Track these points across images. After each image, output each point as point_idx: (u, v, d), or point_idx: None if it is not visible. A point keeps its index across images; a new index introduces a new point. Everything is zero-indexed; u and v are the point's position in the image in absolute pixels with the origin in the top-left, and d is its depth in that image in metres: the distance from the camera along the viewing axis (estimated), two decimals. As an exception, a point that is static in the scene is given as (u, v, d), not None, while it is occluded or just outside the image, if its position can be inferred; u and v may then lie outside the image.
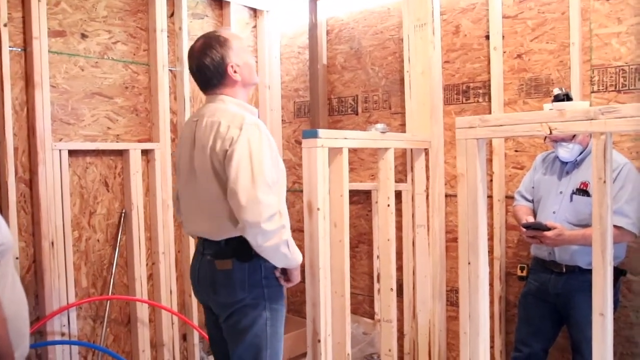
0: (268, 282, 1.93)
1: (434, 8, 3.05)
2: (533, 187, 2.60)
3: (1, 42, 2.58)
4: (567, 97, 2.27)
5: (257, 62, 3.85)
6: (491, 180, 2.90)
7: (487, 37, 2.95)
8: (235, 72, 1.94)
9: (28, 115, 2.73)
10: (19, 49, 2.70)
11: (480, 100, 2.99)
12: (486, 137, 1.81)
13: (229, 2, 3.61)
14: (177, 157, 2.08)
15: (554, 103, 2.26)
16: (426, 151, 3.10)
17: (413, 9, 3.10)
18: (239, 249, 1.87)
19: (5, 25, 2.59)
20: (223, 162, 1.80)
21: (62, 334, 2.80)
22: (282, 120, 3.95)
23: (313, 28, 3.62)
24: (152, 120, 3.23)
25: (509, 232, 2.93)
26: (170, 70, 3.28)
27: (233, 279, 1.88)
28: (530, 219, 2.46)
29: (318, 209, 2.29)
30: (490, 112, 2.92)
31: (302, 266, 2.03)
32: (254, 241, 1.77)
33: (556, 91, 2.30)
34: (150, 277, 3.22)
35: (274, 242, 1.78)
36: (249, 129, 1.80)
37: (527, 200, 2.62)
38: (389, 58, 3.38)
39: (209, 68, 1.91)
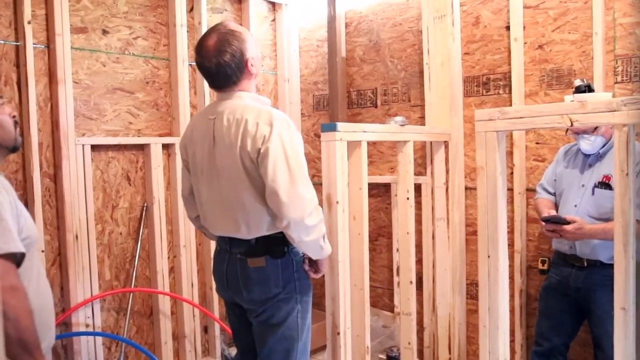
0: (299, 276, 1.95)
1: (454, -1, 3.02)
2: (555, 180, 2.57)
3: (25, 39, 2.63)
4: (588, 89, 2.24)
5: (276, 55, 3.86)
6: (512, 173, 2.87)
7: (508, 28, 2.91)
8: (252, 65, 1.90)
9: (52, 111, 2.78)
10: (43, 46, 2.75)
11: (501, 92, 2.96)
12: (506, 130, 1.80)
13: (247, -4, 3.62)
14: (189, 156, 2.03)
15: (575, 94, 2.23)
16: (446, 144, 3.09)
17: (432, 1, 3.07)
18: (272, 246, 1.89)
19: (29, 22, 2.64)
20: (256, 161, 1.78)
21: (87, 326, 2.86)
22: (302, 113, 3.95)
23: (332, 21, 3.62)
24: (172, 115, 3.27)
25: (530, 225, 2.90)
26: (190, 65, 3.31)
27: (267, 276, 1.89)
28: (552, 212, 2.43)
29: (337, 202, 2.30)
30: (510, 104, 2.89)
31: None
32: (297, 237, 1.78)
33: (577, 82, 2.26)
34: (171, 270, 3.26)
35: (315, 236, 1.80)
36: (279, 124, 1.78)
37: (548, 193, 2.59)
38: (408, 50, 3.36)
39: (230, 65, 1.84)
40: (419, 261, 3.18)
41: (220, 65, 1.84)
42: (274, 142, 1.75)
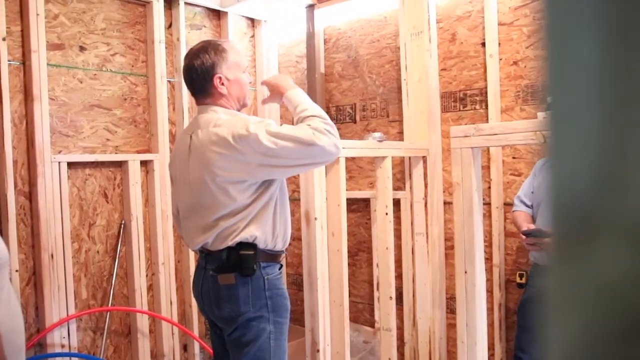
0: (271, 294, 1.90)
1: (430, 16, 3.06)
2: (532, 192, 2.60)
3: (0, 56, 2.60)
4: (562, 105, 2.27)
5: (255, 71, 3.86)
6: (489, 187, 2.90)
7: (484, 45, 2.96)
8: (222, 84, 1.89)
9: (27, 128, 2.74)
10: (18, 63, 2.72)
11: (478, 107, 3.00)
12: (481, 146, 1.82)
13: (226, 13, 3.63)
14: (173, 172, 2.06)
15: (548, 111, 2.26)
16: (424, 159, 3.11)
17: (409, 18, 3.11)
18: (241, 263, 1.86)
19: (4, 39, 2.61)
20: (233, 168, 1.77)
21: (62, 346, 2.81)
22: (281, 129, 3.95)
23: (310, 37, 3.64)
24: (150, 131, 3.25)
25: (507, 239, 2.93)
26: (169, 81, 3.30)
27: (236, 294, 1.86)
28: (532, 226, 2.45)
29: (315, 219, 2.29)
30: (487, 119, 2.92)
31: (300, 274, 2.02)
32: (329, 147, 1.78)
33: (550, 99, 2.30)
34: (150, 287, 3.22)
35: (327, 138, 1.79)
36: (257, 126, 1.76)
37: (526, 205, 2.62)
38: (386, 66, 3.39)
39: (197, 71, 1.87)
40: (399, 276, 3.18)
41: (190, 67, 1.90)
42: (256, 135, 1.73)
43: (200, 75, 1.88)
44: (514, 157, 2.89)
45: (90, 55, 3.02)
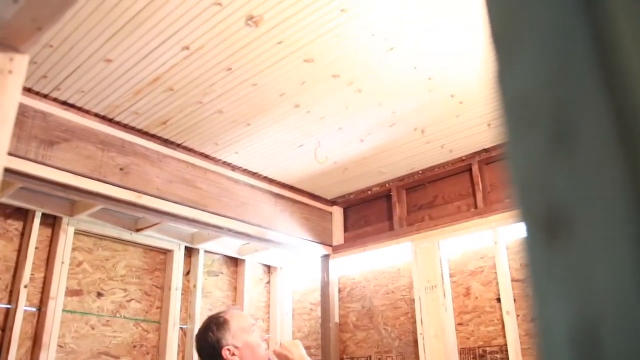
0: None
1: (443, 270, 3.12)
2: None
3: (18, 302, 2.63)
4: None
5: (269, 317, 3.83)
6: None
7: (499, 300, 2.95)
8: (233, 354, 1.91)
9: (28, 379, 2.63)
10: (34, 309, 2.74)
11: (499, 366, 2.86)
12: None
13: (244, 260, 3.74)
14: None
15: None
16: (446, 422, 2.87)
17: (422, 271, 3.17)
18: None
19: (25, 286, 2.67)
20: None
21: None
22: (292, 379, 3.76)
23: (325, 286, 3.68)
24: (155, 382, 3.10)
25: None
26: (181, 328, 3.26)
27: None
28: None
29: None
30: (511, 380, 2.77)
31: None
32: None
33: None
34: None
35: None
36: None
37: None
38: (401, 318, 3.35)
39: (206, 350, 1.93)
40: None
41: (199, 348, 1.98)
42: None
43: (210, 353, 1.93)
44: None
45: (107, 302, 3.04)
